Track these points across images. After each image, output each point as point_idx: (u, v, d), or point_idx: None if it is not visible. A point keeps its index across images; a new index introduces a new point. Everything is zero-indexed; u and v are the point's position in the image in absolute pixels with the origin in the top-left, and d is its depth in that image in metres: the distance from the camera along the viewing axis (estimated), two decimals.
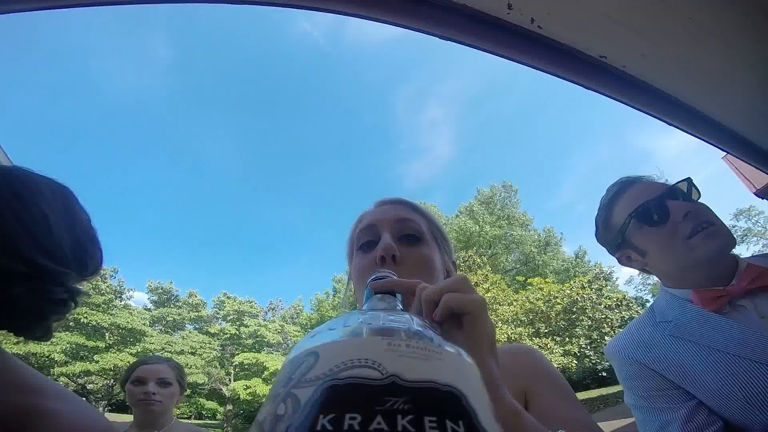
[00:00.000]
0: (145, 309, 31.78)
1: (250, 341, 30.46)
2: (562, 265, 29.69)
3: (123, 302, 28.42)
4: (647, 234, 0.96)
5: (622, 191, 1.04)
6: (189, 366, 24.63)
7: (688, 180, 0.97)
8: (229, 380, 29.07)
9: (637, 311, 18.08)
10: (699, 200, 0.96)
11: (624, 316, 17.51)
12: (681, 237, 0.90)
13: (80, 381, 23.33)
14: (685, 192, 0.96)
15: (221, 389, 28.76)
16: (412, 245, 0.73)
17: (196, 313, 32.12)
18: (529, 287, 19.43)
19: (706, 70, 1.19)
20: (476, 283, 17.83)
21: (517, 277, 24.60)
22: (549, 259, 29.19)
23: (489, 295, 17.24)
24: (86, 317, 22.31)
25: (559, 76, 1.23)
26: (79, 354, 22.06)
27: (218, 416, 30.82)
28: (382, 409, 0.17)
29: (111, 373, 22.15)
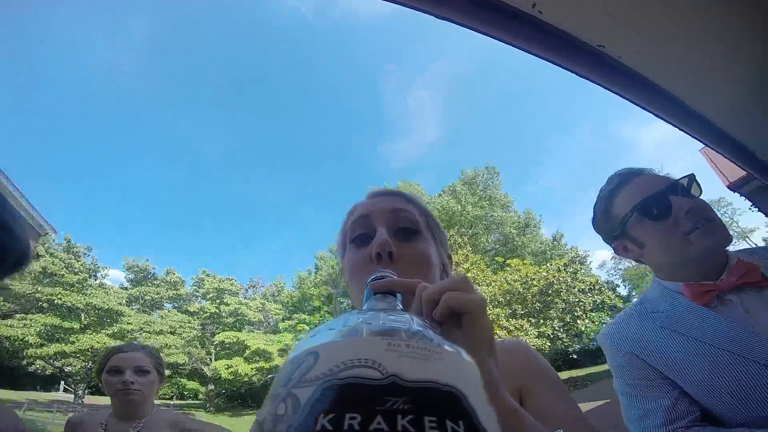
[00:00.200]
0: (121, 288, 31.02)
1: (230, 320, 30.26)
2: (540, 247, 30.55)
3: (98, 281, 27.62)
4: (647, 227, 0.97)
5: (625, 183, 1.03)
6: (169, 346, 24.41)
7: (691, 176, 0.98)
8: (210, 360, 29.01)
9: (608, 296, 18.87)
10: (700, 196, 0.97)
11: (596, 300, 18.23)
12: (681, 232, 0.91)
13: (57, 364, 22.70)
14: (685, 187, 0.96)
15: (202, 369, 28.70)
16: (409, 240, 0.70)
17: (175, 292, 31.60)
18: (508, 268, 19.90)
19: (699, 66, 1.19)
20: (457, 262, 18.15)
21: (496, 258, 25.08)
22: (528, 241, 29.96)
23: (469, 275, 17.57)
24: (60, 298, 21.55)
25: (555, 63, 1.19)
26: (54, 336, 21.38)
27: (200, 396, 30.86)
28: (382, 409, 0.17)
29: (88, 354, 21.60)
